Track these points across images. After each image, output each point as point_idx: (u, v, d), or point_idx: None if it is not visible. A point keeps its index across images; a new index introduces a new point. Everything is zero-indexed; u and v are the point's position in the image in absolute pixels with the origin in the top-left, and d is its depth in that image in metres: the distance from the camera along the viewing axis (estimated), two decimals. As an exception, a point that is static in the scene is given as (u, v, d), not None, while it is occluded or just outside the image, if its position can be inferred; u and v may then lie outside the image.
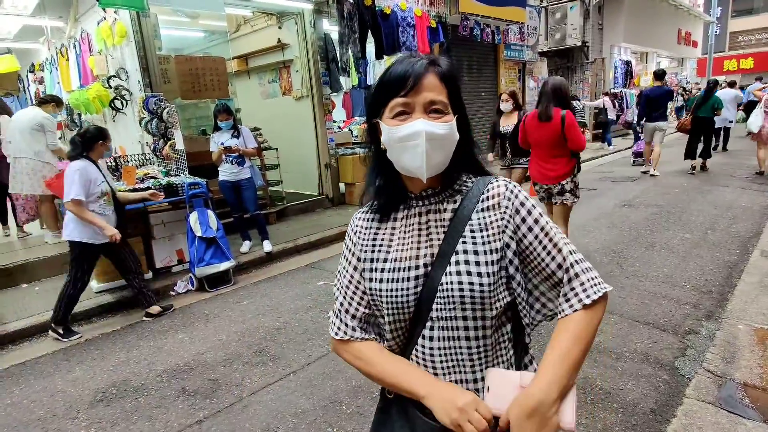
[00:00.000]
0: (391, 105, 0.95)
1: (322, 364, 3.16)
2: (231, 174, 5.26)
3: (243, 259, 5.38)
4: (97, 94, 6.05)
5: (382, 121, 0.97)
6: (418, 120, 0.92)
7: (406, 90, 0.93)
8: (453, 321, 0.95)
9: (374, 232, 1.07)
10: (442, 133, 0.92)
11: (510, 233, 0.96)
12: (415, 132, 0.91)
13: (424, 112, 0.93)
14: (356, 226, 1.10)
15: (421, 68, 0.94)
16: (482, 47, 10.58)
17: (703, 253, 4.70)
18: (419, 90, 0.93)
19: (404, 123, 0.93)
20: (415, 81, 0.93)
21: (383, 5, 7.63)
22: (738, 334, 3.11)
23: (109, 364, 3.39)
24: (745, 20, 30.42)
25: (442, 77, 0.95)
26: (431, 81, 0.94)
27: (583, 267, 0.96)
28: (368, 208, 1.10)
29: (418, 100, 0.93)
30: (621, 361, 2.92)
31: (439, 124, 0.92)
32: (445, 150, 0.95)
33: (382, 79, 0.98)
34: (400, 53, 7.87)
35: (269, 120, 8.05)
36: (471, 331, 0.95)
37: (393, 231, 1.05)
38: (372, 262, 1.04)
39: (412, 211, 1.03)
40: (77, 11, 6.70)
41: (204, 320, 4.03)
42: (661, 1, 17.67)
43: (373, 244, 1.06)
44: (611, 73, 15.84)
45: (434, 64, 0.96)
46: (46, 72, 8.39)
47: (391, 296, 0.99)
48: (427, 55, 0.98)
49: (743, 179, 8.03)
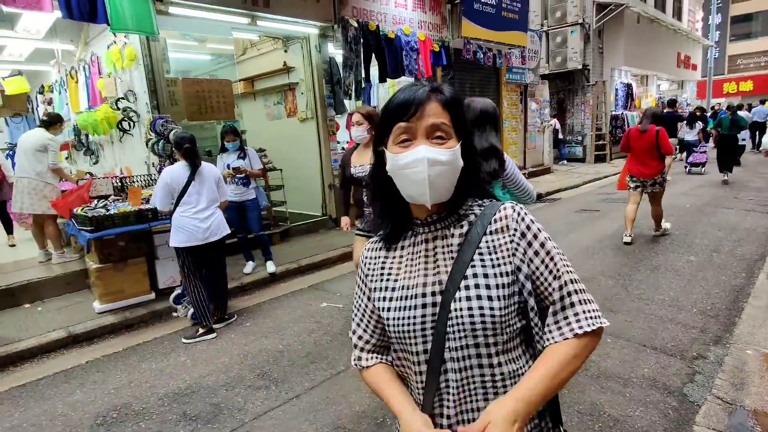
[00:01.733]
0: (394, 131, 0.96)
1: (325, 388, 3.12)
2: (236, 195, 5.29)
3: (246, 280, 5.37)
4: (105, 116, 6.14)
5: (387, 149, 0.98)
6: (420, 146, 0.92)
7: (409, 115, 0.94)
8: (465, 350, 0.95)
9: (382, 261, 1.08)
10: (445, 159, 0.92)
11: (520, 256, 0.95)
12: (417, 159, 0.92)
13: (427, 137, 0.94)
14: (366, 258, 1.12)
15: (423, 95, 0.95)
16: (484, 70, 10.73)
17: (708, 276, 4.66)
18: (421, 115, 0.93)
19: (407, 150, 0.94)
20: (418, 106, 0.94)
21: (387, 30, 7.79)
22: (747, 359, 3.06)
23: (110, 386, 3.35)
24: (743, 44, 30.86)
25: (444, 103, 0.96)
26: (433, 107, 0.94)
27: (582, 297, 0.95)
28: (378, 238, 1.11)
29: (421, 125, 0.93)
30: (629, 387, 2.88)
31: (441, 150, 0.92)
32: (449, 176, 0.95)
33: (386, 108, 0.99)
34: (404, 76, 8.05)
35: (274, 141, 8.14)
36: (484, 358, 0.95)
37: (401, 259, 1.05)
38: (381, 291, 1.05)
39: (419, 238, 1.04)
40: (88, 35, 6.86)
41: (206, 342, 4.00)
42: (660, 26, 17.97)
43: (381, 274, 1.07)
44: (612, 96, 16.01)
45: (437, 91, 0.97)
46: (55, 93, 8.54)
47: (400, 325, 0.99)
48: (430, 82, 0.99)
49: (747, 201, 8.02)
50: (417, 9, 8.63)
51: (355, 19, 7.40)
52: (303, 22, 6.99)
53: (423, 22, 8.76)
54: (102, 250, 4.55)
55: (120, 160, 6.97)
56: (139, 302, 4.69)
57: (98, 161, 7.76)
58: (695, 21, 26.12)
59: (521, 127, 12.53)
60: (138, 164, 6.28)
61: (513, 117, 12.14)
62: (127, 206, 4.70)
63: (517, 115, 12.29)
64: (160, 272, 4.91)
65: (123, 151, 6.76)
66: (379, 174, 1.02)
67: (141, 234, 4.72)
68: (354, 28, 7.25)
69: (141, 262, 4.77)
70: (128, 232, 4.55)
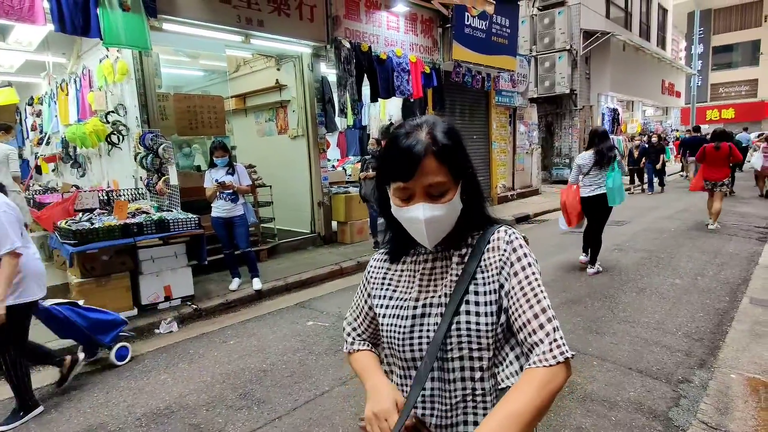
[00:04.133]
0: (393, 187, 1.00)
1: (308, 409, 3.06)
2: (224, 210, 5.26)
3: (231, 296, 5.29)
4: (94, 129, 6.11)
5: (390, 191, 1.03)
6: (418, 206, 0.97)
7: (407, 176, 0.96)
8: (450, 362, 1.00)
9: (384, 272, 1.17)
10: (442, 214, 0.98)
11: (505, 275, 1.00)
12: (415, 218, 0.98)
13: (425, 195, 0.97)
14: (371, 267, 1.21)
15: (420, 152, 0.95)
16: (474, 92, 10.92)
17: (693, 300, 4.71)
18: (420, 175, 0.96)
19: (407, 206, 0.99)
20: (414, 167, 0.95)
21: (379, 51, 7.91)
22: (731, 383, 3.07)
23: (86, 405, 3.25)
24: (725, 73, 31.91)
25: (441, 157, 0.96)
26: (430, 165, 0.95)
27: (554, 325, 0.94)
28: (384, 250, 1.19)
29: (418, 185, 0.97)
30: (615, 411, 2.86)
31: (438, 206, 0.98)
32: (448, 221, 1.01)
33: (384, 160, 1.02)
34: (395, 96, 8.15)
35: (264, 157, 8.14)
36: (467, 371, 1.00)
37: (401, 273, 1.13)
38: (380, 299, 1.14)
39: (421, 257, 1.11)
40: (80, 48, 6.86)
41: (188, 360, 3.91)
42: (644, 54, 18.52)
43: (382, 283, 1.16)
44: (599, 120, 16.35)
45: (433, 142, 0.96)
46: (44, 105, 8.49)
47: (392, 332, 1.07)
48: (426, 126, 0.99)
49: (730, 226, 8.17)
50: (409, 32, 8.80)
51: (348, 39, 7.52)
52: (296, 42, 7.08)
53: (414, 44, 8.93)
54: (84, 264, 4.47)
55: (107, 174, 6.90)
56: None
57: (85, 174, 7.67)
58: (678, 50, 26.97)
59: (510, 149, 12.71)
60: (126, 178, 6.23)
61: (502, 139, 12.31)
62: (112, 220, 4.64)
63: (506, 137, 12.48)
64: (144, 287, 4.83)
65: (111, 164, 6.70)
66: (384, 206, 1.10)
67: (126, 248, 4.64)
68: (347, 48, 7.36)
69: (124, 276, 4.68)
70: (112, 246, 4.48)
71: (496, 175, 12.09)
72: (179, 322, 4.73)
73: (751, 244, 6.82)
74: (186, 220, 4.91)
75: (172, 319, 4.68)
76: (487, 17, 9.58)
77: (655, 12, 21.01)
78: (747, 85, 31.02)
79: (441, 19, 9.42)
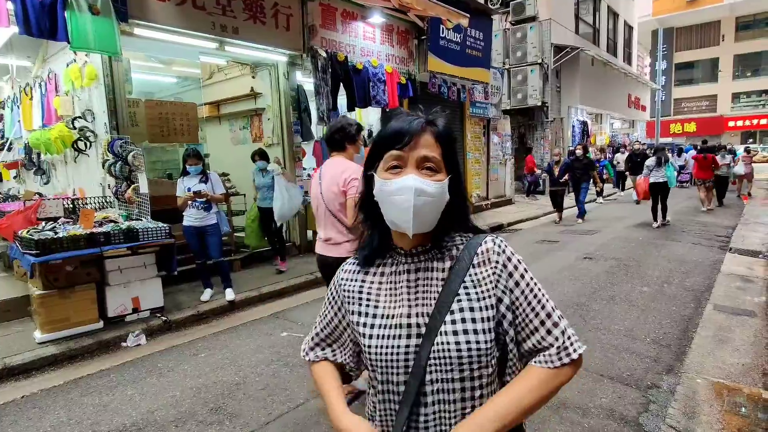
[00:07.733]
0: (385, 157, 0.97)
1: (282, 423, 2.99)
2: (196, 219, 5.14)
3: (203, 308, 5.16)
4: (59, 135, 5.89)
5: (376, 173, 0.99)
6: (409, 175, 0.94)
7: (402, 144, 0.95)
8: (449, 383, 0.95)
9: (360, 284, 1.08)
10: (432, 191, 0.93)
11: (502, 287, 0.97)
12: (405, 186, 0.92)
13: (417, 168, 0.95)
14: (341, 279, 1.12)
15: (417, 126, 0.96)
16: (449, 103, 11.07)
17: (660, 307, 4.85)
18: (414, 146, 0.95)
19: (396, 177, 0.95)
20: (411, 137, 0.95)
21: (356, 61, 7.95)
22: (697, 388, 3.17)
23: (46, 424, 3.09)
24: (686, 89, 33.44)
25: (437, 137, 0.97)
26: (427, 139, 0.96)
27: (562, 328, 0.97)
28: (353, 260, 1.12)
29: (412, 156, 0.95)
30: (587, 417, 2.91)
31: (429, 182, 0.94)
32: (434, 208, 0.95)
33: (380, 134, 1.00)
34: (371, 106, 8.18)
35: (238, 166, 8.01)
36: (468, 392, 0.95)
37: (380, 285, 1.05)
38: (360, 316, 1.05)
39: (401, 267, 1.03)
40: (46, 52, 6.64)
41: (157, 374, 3.78)
42: (612, 69, 19.20)
43: (360, 297, 1.06)
44: (569, 132, 16.82)
45: (431, 123, 0.99)
46: (6, 110, 8.16)
47: (381, 354, 0.98)
48: (426, 114, 1.01)
49: (694, 234, 8.48)
50: (385, 42, 8.88)
51: (324, 49, 7.53)
52: (272, 50, 7.04)
53: (390, 55, 9.01)
54: (47, 276, 4.28)
55: (73, 181, 6.67)
56: (85, 331, 4.40)
57: (49, 181, 7.39)
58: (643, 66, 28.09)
59: (484, 160, 12.92)
60: (93, 186, 6.03)
61: (476, 149, 12.52)
62: (78, 229, 4.48)
63: (480, 148, 12.69)
64: (111, 299, 4.65)
65: (77, 171, 6.48)
66: (366, 199, 1.04)
67: (92, 258, 4.47)
68: (323, 57, 7.36)
69: (90, 288, 4.50)
70: (77, 256, 4.31)
71: (471, 185, 12.26)
72: (148, 334, 4.58)
73: (714, 252, 7.10)
74: (156, 230, 4.78)
75: (140, 331, 4.52)
76: (461, 30, 9.77)
77: (621, 29, 21.87)
78: (707, 100, 32.58)
79: (417, 31, 9.55)
